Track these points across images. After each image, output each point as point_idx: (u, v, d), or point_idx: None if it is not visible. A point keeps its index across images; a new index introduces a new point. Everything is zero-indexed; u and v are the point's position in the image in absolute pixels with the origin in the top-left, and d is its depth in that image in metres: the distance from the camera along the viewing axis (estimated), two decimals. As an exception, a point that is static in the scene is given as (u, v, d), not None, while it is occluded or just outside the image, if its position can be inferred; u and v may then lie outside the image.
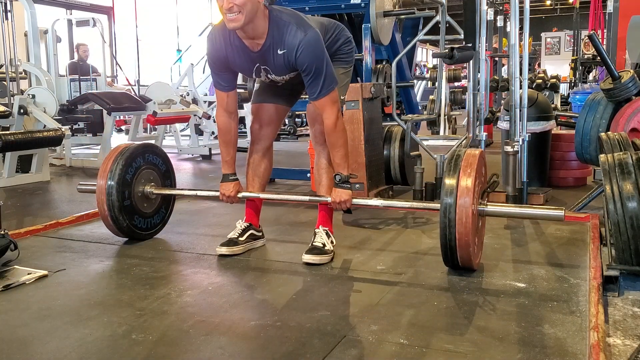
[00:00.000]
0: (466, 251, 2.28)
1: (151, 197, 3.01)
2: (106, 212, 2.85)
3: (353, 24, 5.28)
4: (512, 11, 4.12)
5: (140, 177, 2.96)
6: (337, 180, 2.66)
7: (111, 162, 2.85)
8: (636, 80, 3.71)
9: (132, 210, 2.92)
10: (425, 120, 5.07)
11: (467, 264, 2.37)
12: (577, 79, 11.28)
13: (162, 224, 3.15)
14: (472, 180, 2.25)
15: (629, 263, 2.37)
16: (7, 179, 5.36)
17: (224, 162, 2.82)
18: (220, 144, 2.82)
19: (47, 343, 1.87)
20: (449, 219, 2.25)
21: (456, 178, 2.27)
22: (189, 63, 9.12)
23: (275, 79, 2.66)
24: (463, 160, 2.32)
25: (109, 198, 2.82)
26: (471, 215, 2.24)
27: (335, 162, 2.68)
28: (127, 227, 2.90)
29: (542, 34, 20.45)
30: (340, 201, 2.64)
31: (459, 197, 2.24)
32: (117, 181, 2.82)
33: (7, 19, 6.04)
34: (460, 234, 2.25)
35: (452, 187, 2.26)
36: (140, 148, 3.00)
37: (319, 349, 1.81)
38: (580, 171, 4.95)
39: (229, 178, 2.81)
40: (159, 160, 3.09)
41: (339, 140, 2.63)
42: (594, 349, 1.69)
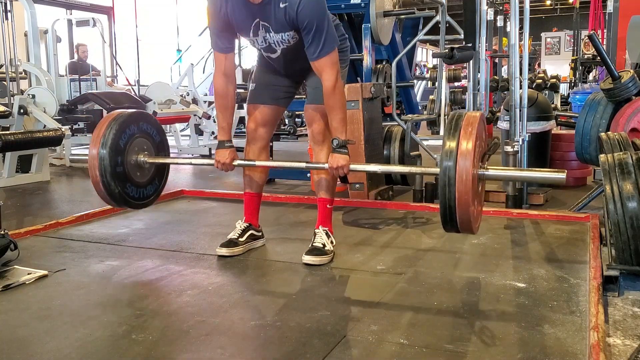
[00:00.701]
0: (465, 211, 2.20)
1: (144, 167, 2.92)
2: (98, 177, 2.74)
3: (353, 24, 5.28)
4: (512, 11, 4.12)
5: (134, 145, 2.87)
6: (334, 145, 2.59)
7: (104, 127, 2.76)
8: (636, 80, 3.71)
9: (125, 177, 2.83)
10: (425, 120, 5.06)
11: (467, 227, 2.28)
12: (577, 79, 11.28)
13: (156, 195, 3.07)
14: (472, 140, 2.18)
15: (629, 263, 2.37)
16: (7, 179, 5.36)
17: (220, 128, 2.77)
18: (217, 109, 2.77)
19: (47, 343, 1.87)
20: (448, 177, 2.17)
21: (457, 137, 2.19)
22: (189, 63, 9.13)
23: (273, 43, 2.58)
24: (464, 121, 2.24)
25: (101, 163, 2.72)
26: (471, 174, 2.16)
27: (333, 127, 2.61)
28: (120, 194, 2.80)
29: (542, 34, 20.45)
30: (337, 166, 2.58)
31: (459, 156, 2.16)
32: (110, 146, 2.73)
33: (7, 19, 6.05)
34: (460, 193, 2.16)
35: (453, 145, 2.18)
36: (135, 116, 2.91)
37: (319, 349, 1.81)
38: (580, 171, 4.96)
39: (225, 145, 2.75)
40: (153, 130, 3.00)
41: (337, 103, 2.58)
42: (594, 349, 1.69)
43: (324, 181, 2.81)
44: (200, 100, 8.46)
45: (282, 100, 2.89)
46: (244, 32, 2.63)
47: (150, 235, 3.21)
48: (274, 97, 2.84)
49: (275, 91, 2.84)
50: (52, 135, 5.08)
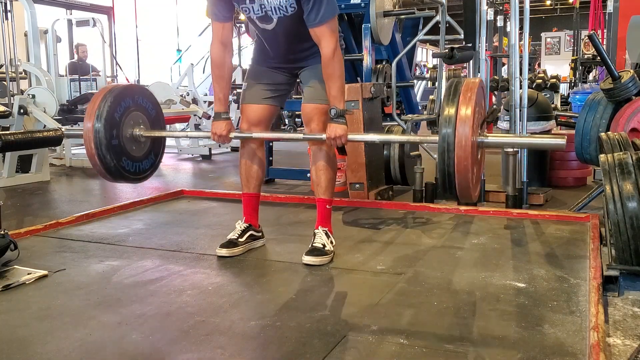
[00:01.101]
0: (465, 177, 2.19)
1: (140, 140, 2.91)
2: (93, 150, 2.73)
3: (353, 24, 5.28)
4: (512, 11, 4.12)
5: (130, 119, 2.85)
6: (332, 114, 2.57)
7: (99, 100, 2.75)
8: (636, 80, 3.70)
9: (121, 151, 2.81)
10: (425, 120, 5.07)
11: (466, 193, 2.28)
12: (577, 79, 11.28)
13: (152, 169, 3.05)
14: (472, 105, 2.17)
15: (629, 263, 2.37)
16: (7, 179, 5.36)
17: (217, 99, 2.75)
18: (213, 80, 2.75)
19: (47, 343, 1.87)
20: (447, 143, 2.16)
21: (456, 103, 2.18)
22: (189, 63, 9.13)
23: (270, 11, 2.55)
24: (463, 86, 2.23)
25: (97, 135, 2.70)
26: (470, 139, 2.16)
27: (332, 95, 2.59)
28: (115, 167, 2.79)
29: (542, 34, 20.44)
30: (335, 136, 2.56)
31: (458, 122, 2.14)
32: (106, 118, 2.71)
33: (7, 19, 6.05)
34: (459, 158, 2.15)
35: (452, 111, 2.17)
36: (130, 89, 2.90)
37: (319, 349, 1.80)
38: (580, 171, 4.96)
39: (221, 117, 2.74)
40: (149, 104, 2.97)
41: (336, 71, 2.56)
42: (594, 349, 1.69)
43: (323, 181, 2.80)
44: (200, 100, 8.46)
45: (275, 99, 2.86)
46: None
47: (150, 235, 3.21)
48: (265, 96, 2.82)
49: (267, 90, 2.81)
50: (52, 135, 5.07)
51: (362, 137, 2.96)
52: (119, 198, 4.88)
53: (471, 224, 3.37)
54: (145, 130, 2.91)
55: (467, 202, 2.30)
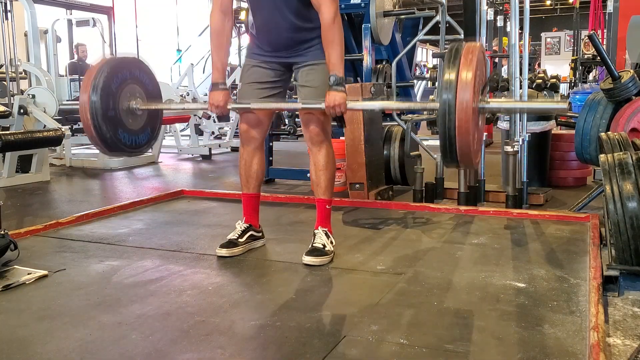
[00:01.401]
0: (466, 141, 2.16)
1: (137, 113, 2.88)
2: (89, 120, 2.69)
3: (353, 24, 5.29)
4: (512, 11, 4.12)
5: (127, 91, 2.82)
6: (331, 81, 2.55)
7: (96, 71, 2.72)
8: (636, 80, 3.71)
9: (117, 122, 2.78)
10: (425, 120, 5.06)
11: (466, 159, 2.24)
12: (577, 79, 11.29)
13: (148, 144, 3.03)
14: (473, 70, 2.14)
15: (629, 263, 2.37)
16: (7, 179, 5.36)
17: (215, 69, 2.73)
18: (212, 49, 2.73)
19: (47, 343, 1.87)
20: (448, 106, 2.12)
21: (457, 66, 2.15)
22: (189, 63, 9.13)
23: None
24: (464, 50, 2.20)
25: (93, 106, 2.66)
26: (472, 103, 2.13)
27: (331, 62, 2.57)
28: (111, 138, 2.76)
29: (542, 34, 20.45)
30: (334, 104, 2.53)
31: (459, 86, 2.11)
32: (102, 88, 2.67)
33: (7, 19, 6.05)
34: (460, 122, 2.12)
35: (453, 75, 2.14)
36: (127, 61, 2.88)
37: (319, 349, 1.80)
38: (580, 171, 4.96)
39: (219, 87, 2.71)
40: (146, 78, 2.95)
41: (336, 38, 2.55)
42: (594, 349, 1.69)
43: (322, 182, 2.79)
44: (200, 100, 8.45)
45: (272, 97, 2.82)
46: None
47: (150, 235, 3.21)
48: (262, 95, 2.78)
49: (263, 89, 2.78)
50: (52, 135, 5.08)
51: (361, 105, 2.91)
52: (119, 198, 4.88)
53: (471, 224, 3.37)
54: (142, 103, 2.88)
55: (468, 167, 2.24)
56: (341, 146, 4.31)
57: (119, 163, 6.74)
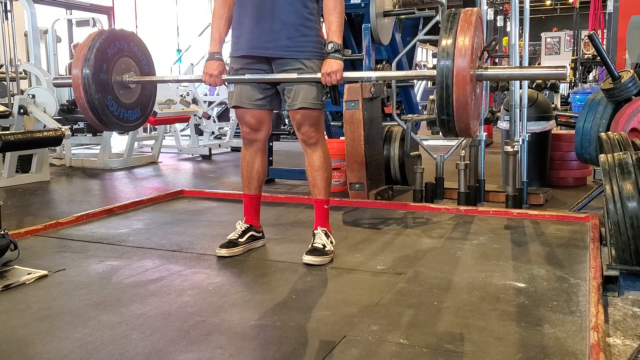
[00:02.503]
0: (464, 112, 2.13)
1: (129, 87, 2.87)
2: (83, 98, 2.70)
3: (353, 24, 5.29)
4: (512, 11, 4.12)
5: (121, 62, 2.82)
6: (329, 48, 2.53)
7: (86, 48, 2.71)
8: (636, 80, 3.71)
9: (108, 88, 2.76)
10: (425, 120, 5.07)
11: (465, 128, 2.21)
12: (577, 79, 11.29)
13: (137, 122, 3.02)
14: (470, 38, 2.10)
15: (629, 263, 2.37)
16: (7, 179, 5.36)
17: (213, 38, 2.71)
18: (213, 18, 2.71)
19: (47, 343, 1.87)
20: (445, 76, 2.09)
21: (453, 34, 2.11)
22: (189, 63, 9.13)
23: None
24: (460, 17, 2.16)
25: (85, 63, 2.66)
26: (469, 71, 2.09)
27: (331, 30, 2.55)
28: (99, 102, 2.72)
29: (542, 34, 20.45)
30: (330, 71, 2.51)
31: (456, 56, 2.07)
32: (98, 49, 2.67)
33: (7, 19, 6.05)
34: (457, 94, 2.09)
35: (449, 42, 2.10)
36: (129, 34, 2.88)
37: (319, 349, 1.81)
38: (580, 171, 4.96)
39: (215, 56, 2.69)
40: (143, 57, 2.95)
41: (337, 7, 2.55)
42: (594, 349, 1.69)
43: (319, 182, 2.78)
44: (200, 100, 8.46)
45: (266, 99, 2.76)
46: None
47: (150, 235, 3.21)
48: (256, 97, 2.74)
49: (255, 90, 2.73)
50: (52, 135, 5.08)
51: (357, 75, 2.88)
52: (119, 198, 4.88)
53: (471, 224, 3.37)
54: (135, 76, 2.87)
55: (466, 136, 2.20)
56: (341, 146, 4.31)
57: (119, 163, 6.74)
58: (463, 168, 3.98)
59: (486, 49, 2.30)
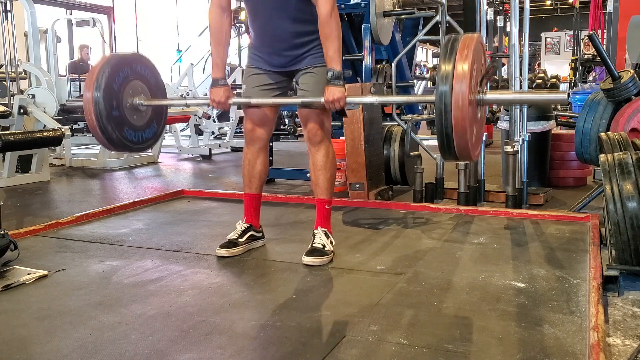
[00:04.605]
0: (463, 138, 2.13)
1: (141, 109, 2.86)
2: (94, 122, 2.69)
3: (353, 24, 5.29)
4: (512, 11, 4.12)
5: (129, 88, 2.81)
6: (329, 76, 2.54)
7: (97, 71, 2.70)
8: (636, 80, 3.71)
9: (122, 121, 2.77)
10: (425, 120, 5.07)
11: (465, 153, 2.22)
12: (577, 79, 11.29)
13: (154, 138, 3.01)
14: (469, 64, 2.09)
15: (629, 263, 2.37)
16: (7, 179, 5.36)
17: (214, 64, 2.73)
18: (212, 45, 2.73)
19: (47, 343, 1.87)
20: (444, 104, 2.09)
21: (452, 61, 2.11)
22: (189, 63, 9.13)
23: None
24: (460, 43, 2.15)
25: (97, 107, 2.65)
26: (468, 99, 2.09)
27: (329, 56, 2.56)
28: (117, 138, 2.75)
29: (542, 34, 20.46)
30: (333, 99, 2.52)
31: (455, 82, 2.07)
32: (104, 89, 2.66)
33: (7, 19, 6.05)
34: (456, 119, 2.09)
35: (449, 69, 2.10)
36: (128, 58, 2.86)
37: (319, 349, 1.80)
38: (580, 171, 4.96)
39: (219, 83, 2.71)
40: (148, 72, 2.93)
41: (333, 32, 2.54)
42: (594, 349, 1.69)
43: (321, 181, 2.79)
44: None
45: (277, 97, 2.83)
46: None
47: (150, 235, 3.21)
48: (267, 96, 2.79)
49: (268, 90, 2.79)
50: (52, 135, 5.08)
51: (359, 100, 2.89)
52: (119, 198, 4.88)
53: (471, 224, 3.37)
54: (145, 99, 2.86)
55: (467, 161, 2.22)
56: (341, 146, 4.32)
57: (119, 163, 6.74)
58: (463, 168, 3.98)
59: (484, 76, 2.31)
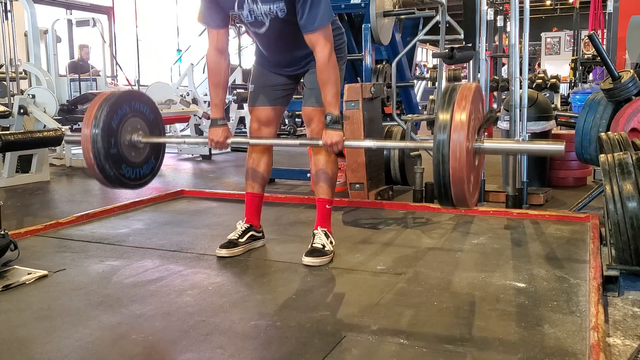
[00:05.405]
0: (460, 188, 2.15)
1: (139, 146, 2.87)
2: (92, 160, 2.69)
3: (353, 24, 5.28)
4: (512, 11, 4.12)
5: (127, 125, 2.81)
6: (327, 120, 2.55)
7: (95, 109, 2.70)
8: (636, 80, 3.71)
9: (120, 158, 2.77)
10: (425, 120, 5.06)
11: (462, 202, 2.24)
12: (577, 79, 11.29)
13: (152, 174, 3.00)
14: (466, 114, 2.11)
15: (629, 263, 2.37)
16: (7, 179, 5.36)
17: (213, 105, 2.76)
18: (210, 87, 2.76)
19: (47, 343, 1.87)
20: (442, 155, 2.11)
21: (450, 112, 2.12)
22: (189, 63, 9.14)
23: (260, 15, 2.54)
24: (458, 94, 2.17)
25: (94, 146, 2.66)
26: (465, 150, 2.12)
27: (327, 101, 2.58)
28: (115, 175, 2.75)
29: (542, 34, 20.45)
30: (331, 143, 2.54)
31: (452, 132, 2.10)
32: (102, 128, 2.66)
33: (7, 19, 6.05)
34: (454, 170, 2.11)
35: (446, 121, 2.12)
36: (126, 95, 2.86)
37: (319, 349, 1.81)
38: (580, 171, 4.96)
39: (218, 123, 2.74)
40: (146, 109, 2.94)
41: (330, 78, 2.55)
42: (594, 349, 1.69)
43: (322, 181, 2.80)
44: (200, 100, 8.46)
45: (283, 99, 2.89)
46: (229, 6, 2.57)
47: (150, 235, 3.21)
48: (273, 97, 2.84)
49: (274, 91, 2.84)
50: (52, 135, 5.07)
51: (358, 143, 2.94)
52: (119, 198, 4.88)
53: (471, 224, 3.37)
54: (143, 136, 2.87)
55: (464, 207, 2.27)
56: (341, 146, 4.30)
57: (119, 163, 6.74)
58: (463, 168, 3.97)
59: (482, 125, 2.33)
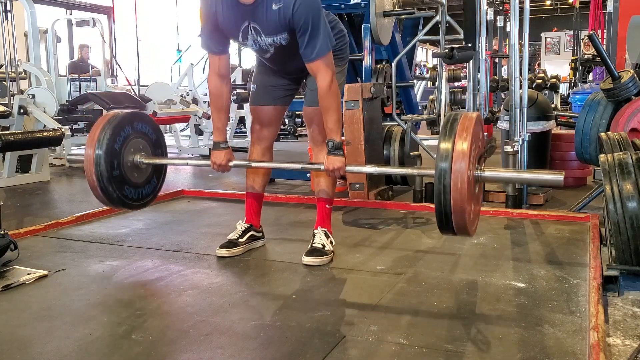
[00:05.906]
0: (461, 217, 2.18)
1: (141, 167, 2.89)
2: (95, 182, 2.72)
3: (353, 24, 5.29)
4: (512, 11, 4.12)
5: (130, 146, 2.84)
6: (329, 147, 2.57)
7: (99, 131, 2.73)
8: (636, 80, 3.71)
9: (122, 180, 2.80)
10: (425, 120, 5.07)
11: (463, 231, 2.26)
12: (577, 79, 11.29)
13: (154, 194, 3.04)
14: (467, 144, 2.13)
15: (629, 263, 2.37)
16: (7, 179, 5.36)
17: (215, 129, 2.77)
18: (212, 111, 2.77)
19: (47, 343, 1.87)
20: (443, 185, 2.13)
21: (451, 142, 2.15)
22: (189, 63, 9.13)
23: (264, 46, 2.57)
24: (459, 124, 2.19)
25: (97, 168, 2.69)
26: (467, 181, 2.13)
27: (328, 127, 2.59)
28: (118, 197, 2.78)
29: (542, 34, 20.44)
30: (333, 169, 2.55)
31: (454, 162, 2.12)
32: (105, 150, 2.69)
33: (7, 19, 6.05)
34: (455, 200, 2.13)
35: (447, 151, 2.14)
36: (129, 116, 2.88)
37: (319, 349, 1.81)
38: (580, 171, 4.96)
39: (220, 146, 2.74)
40: (148, 129, 2.97)
41: (332, 104, 2.55)
42: (594, 349, 1.69)
43: (324, 182, 2.80)
44: (200, 100, 8.45)
45: (284, 99, 2.89)
46: (232, 36, 2.61)
47: (150, 235, 3.21)
48: (275, 97, 2.85)
49: (276, 91, 2.84)
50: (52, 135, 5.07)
51: (359, 169, 2.98)
52: (119, 198, 4.87)
53: (471, 224, 3.36)
54: (146, 157, 2.90)
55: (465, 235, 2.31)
56: (341, 146, 4.30)
57: (119, 163, 6.73)
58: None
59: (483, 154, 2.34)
